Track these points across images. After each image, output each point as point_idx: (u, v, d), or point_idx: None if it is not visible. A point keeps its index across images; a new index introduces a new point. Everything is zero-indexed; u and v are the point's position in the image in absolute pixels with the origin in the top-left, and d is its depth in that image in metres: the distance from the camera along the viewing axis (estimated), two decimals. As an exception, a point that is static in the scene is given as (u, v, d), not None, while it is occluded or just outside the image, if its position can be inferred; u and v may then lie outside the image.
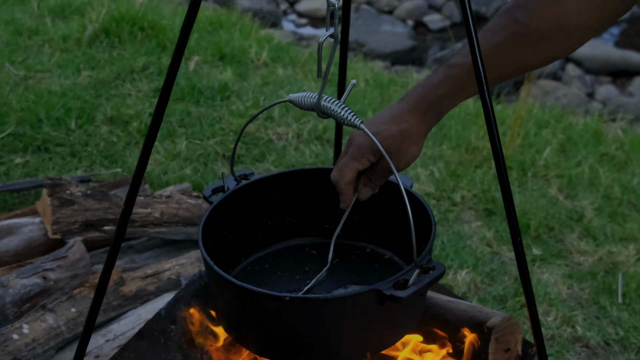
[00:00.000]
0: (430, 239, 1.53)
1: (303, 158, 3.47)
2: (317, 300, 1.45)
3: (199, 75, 4.05)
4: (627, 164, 3.80)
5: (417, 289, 1.38)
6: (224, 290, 1.54)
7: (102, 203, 2.49)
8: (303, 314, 1.46)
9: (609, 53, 7.24)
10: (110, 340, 2.14)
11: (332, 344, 1.49)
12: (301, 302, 1.46)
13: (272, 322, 1.48)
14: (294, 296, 1.46)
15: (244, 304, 1.49)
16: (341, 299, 1.44)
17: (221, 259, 1.76)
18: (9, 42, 4.20)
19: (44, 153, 3.29)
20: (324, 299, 1.44)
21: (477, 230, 3.16)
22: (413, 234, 1.37)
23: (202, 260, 2.47)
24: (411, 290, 1.38)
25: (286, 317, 1.46)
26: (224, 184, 1.75)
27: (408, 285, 1.38)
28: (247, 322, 1.52)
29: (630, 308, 2.80)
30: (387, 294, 1.38)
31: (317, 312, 1.45)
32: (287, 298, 1.43)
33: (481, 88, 1.32)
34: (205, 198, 1.74)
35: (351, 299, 1.42)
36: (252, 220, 1.82)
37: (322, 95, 1.42)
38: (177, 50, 1.44)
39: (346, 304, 1.43)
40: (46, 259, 2.28)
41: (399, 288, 1.39)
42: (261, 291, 1.50)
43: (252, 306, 1.48)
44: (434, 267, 1.42)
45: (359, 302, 1.43)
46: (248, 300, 1.48)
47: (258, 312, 1.48)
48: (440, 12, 8.41)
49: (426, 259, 1.43)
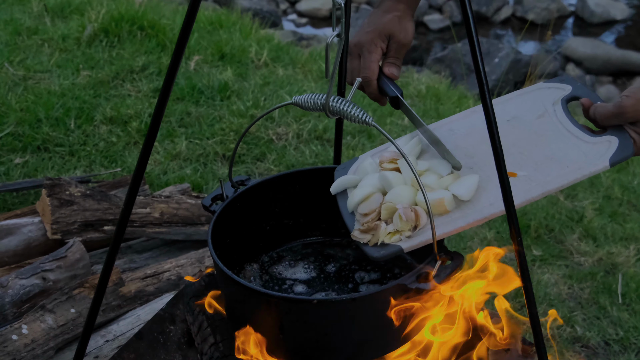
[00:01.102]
0: None
1: (303, 158, 3.47)
2: (343, 301, 1.44)
3: (199, 75, 4.05)
4: (628, 164, 3.80)
5: (440, 280, 1.40)
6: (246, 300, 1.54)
7: (101, 203, 2.49)
8: (329, 315, 1.45)
9: (609, 53, 7.24)
10: (110, 341, 2.14)
11: (357, 342, 1.49)
12: (329, 304, 1.46)
13: (298, 326, 1.48)
14: (322, 299, 1.46)
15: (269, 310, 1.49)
16: (368, 297, 1.44)
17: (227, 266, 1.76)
18: (8, 42, 4.19)
19: (43, 153, 3.28)
20: (351, 299, 1.43)
21: (477, 230, 3.16)
22: (433, 226, 1.37)
23: (202, 261, 2.48)
24: (435, 281, 1.40)
25: (313, 319, 1.46)
26: (222, 192, 1.75)
27: (431, 277, 1.40)
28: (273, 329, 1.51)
29: (630, 308, 2.80)
30: (412, 287, 1.39)
31: (343, 313, 1.44)
32: (314, 301, 1.43)
33: (481, 88, 1.32)
34: (206, 208, 1.74)
35: (377, 296, 1.43)
36: (251, 226, 1.82)
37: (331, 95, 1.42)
38: (177, 49, 1.44)
39: (373, 301, 1.43)
40: (45, 259, 2.27)
41: (422, 281, 1.40)
42: (287, 296, 1.50)
43: (277, 312, 1.48)
44: (453, 257, 1.43)
45: (385, 299, 1.43)
46: (273, 307, 1.48)
47: (283, 318, 1.48)
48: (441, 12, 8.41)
49: (443, 250, 1.44)
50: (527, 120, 1.60)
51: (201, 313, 1.79)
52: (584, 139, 1.51)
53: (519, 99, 1.67)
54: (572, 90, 1.61)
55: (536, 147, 1.53)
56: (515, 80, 6.43)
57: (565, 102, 1.60)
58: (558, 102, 1.60)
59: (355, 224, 1.57)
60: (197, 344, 1.78)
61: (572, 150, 1.50)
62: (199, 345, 1.77)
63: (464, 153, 1.59)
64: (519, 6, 8.53)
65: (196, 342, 1.79)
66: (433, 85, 4.48)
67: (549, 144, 1.53)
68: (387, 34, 1.72)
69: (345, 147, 3.59)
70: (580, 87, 1.62)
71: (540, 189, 1.46)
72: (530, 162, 1.50)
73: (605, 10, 8.40)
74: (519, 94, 1.69)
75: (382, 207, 1.52)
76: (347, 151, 3.55)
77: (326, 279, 1.77)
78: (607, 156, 1.46)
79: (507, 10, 8.57)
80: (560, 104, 1.60)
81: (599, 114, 1.51)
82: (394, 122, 3.90)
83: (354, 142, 3.64)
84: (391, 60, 1.74)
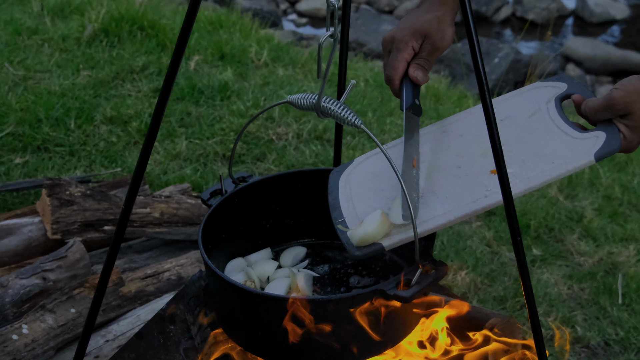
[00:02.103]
0: (431, 238, 1.53)
1: (303, 158, 3.47)
2: (320, 301, 1.44)
3: (199, 75, 4.05)
4: (627, 164, 3.80)
5: (420, 288, 1.38)
6: (226, 294, 1.54)
7: (101, 203, 2.49)
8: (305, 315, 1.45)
9: (609, 53, 7.24)
10: (110, 341, 2.14)
11: (335, 344, 1.49)
12: (304, 303, 1.46)
13: (275, 323, 1.48)
14: (297, 297, 1.46)
15: (247, 307, 1.49)
16: (345, 300, 1.43)
17: (221, 261, 1.75)
18: (8, 42, 4.19)
19: (43, 153, 3.29)
20: (327, 300, 1.44)
21: (477, 230, 3.16)
22: (416, 234, 1.36)
23: (202, 261, 2.47)
24: (414, 289, 1.38)
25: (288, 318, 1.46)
26: (222, 187, 1.74)
27: (411, 285, 1.39)
28: (251, 325, 1.51)
29: (630, 308, 2.80)
30: (391, 294, 1.39)
31: (320, 313, 1.44)
32: (290, 300, 1.43)
33: (481, 88, 1.32)
34: (204, 201, 1.73)
35: (355, 299, 1.42)
36: (250, 223, 1.82)
37: (322, 96, 1.42)
38: (177, 50, 1.44)
39: (350, 304, 1.43)
40: (46, 259, 2.27)
41: (402, 288, 1.39)
42: (263, 293, 1.50)
43: (255, 309, 1.48)
44: (436, 265, 1.42)
45: (362, 303, 1.42)
46: (251, 303, 1.48)
47: (261, 315, 1.48)
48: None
49: (428, 258, 1.43)
50: (519, 119, 1.61)
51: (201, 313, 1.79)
52: (573, 135, 1.52)
53: (515, 98, 1.68)
54: (567, 89, 1.62)
55: (525, 145, 1.54)
56: (515, 80, 6.43)
57: (559, 100, 1.61)
58: (552, 100, 1.61)
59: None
60: (197, 344, 1.78)
61: (560, 146, 1.51)
62: (199, 345, 1.77)
63: (454, 153, 1.59)
64: (519, 6, 8.53)
65: (196, 342, 1.79)
66: (433, 85, 4.48)
67: (538, 141, 1.54)
68: (422, 34, 1.61)
69: (345, 147, 3.59)
70: (576, 84, 1.62)
71: (523, 185, 1.47)
72: (517, 160, 1.51)
73: (605, 10, 8.40)
74: (515, 93, 1.70)
75: None
76: (347, 151, 3.55)
77: (320, 280, 1.76)
78: (592, 151, 1.46)
79: (507, 10, 8.57)
80: (554, 102, 1.60)
81: (589, 108, 1.51)
82: (393, 122, 3.90)
83: (354, 142, 3.64)
84: (420, 62, 1.63)
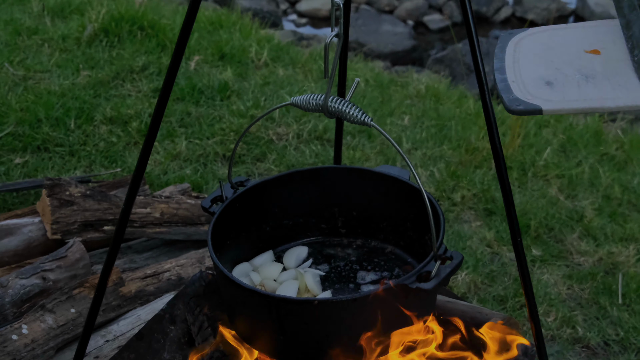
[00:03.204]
0: (441, 230, 1.54)
1: (303, 158, 3.47)
2: (344, 301, 1.44)
3: (199, 75, 4.05)
4: (627, 164, 3.80)
5: (441, 279, 1.41)
6: (245, 301, 1.54)
7: (101, 203, 2.49)
8: (331, 316, 1.46)
9: (609, 53, 7.22)
10: (110, 341, 2.14)
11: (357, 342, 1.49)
12: (329, 304, 1.46)
13: (298, 327, 1.48)
14: (323, 299, 1.46)
15: (269, 312, 1.49)
16: (368, 297, 1.44)
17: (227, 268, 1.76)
18: (8, 42, 4.19)
19: (43, 153, 3.29)
20: (352, 299, 1.44)
21: (477, 230, 3.16)
22: (432, 226, 1.38)
23: (202, 261, 2.48)
24: (435, 281, 1.41)
25: (314, 321, 1.46)
26: (222, 193, 1.75)
27: (431, 277, 1.40)
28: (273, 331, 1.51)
29: (631, 308, 2.80)
30: (413, 287, 1.40)
31: (344, 313, 1.45)
32: (315, 302, 1.43)
33: (481, 88, 1.32)
34: (205, 209, 1.73)
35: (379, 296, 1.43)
36: (251, 227, 1.82)
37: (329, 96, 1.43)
38: (177, 49, 1.44)
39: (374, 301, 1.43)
40: (45, 259, 2.27)
41: (422, 280, 1.41)
42: (287, 297, 1.50)
43: (277, 314, 1.48)
44: (452, 256, 1.44)
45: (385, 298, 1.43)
46: (273, 309, 1.48)
47: (283, 319, 1.48)
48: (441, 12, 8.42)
49: (442, 249, 1.45)
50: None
51: (201, 313, 1.79)
52: None
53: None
54: None
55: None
56: (515, 80, 6.41)
57: None
58: None
59: None
60: (197, 344, 1.78)
61: None
62: (199, 345, 1.77)
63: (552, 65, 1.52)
64: (519, 6, 8.52)
65: (196, 342, 1.79)
66: (433, 85, 4.48)
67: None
68: None
69: (345, 147, 3.59)
70: None
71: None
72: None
73: (605, 10, 8.40)
74: None
75: None
76: (347, 151, 3.55)
77: (327, 279, 1.77)
78: None
79: (507, 10, 8.57)
80: None
81: None
82: (393, 122, 3.90)
83: (354, 142, 3.64)
84: None
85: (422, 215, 1.56)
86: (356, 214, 1.87)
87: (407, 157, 3.60)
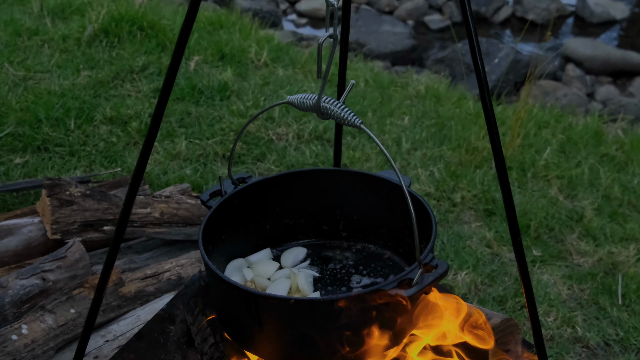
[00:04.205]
0: (432, 237, 1.53)
1: (303, 158, 3.47)
2: (322, 302, 1.44)
3: (199, 75, 4.05)
4: (628, 164, 3.80)
5: (422, 287, 1.38)
6: (227, 295, 1.54)
7: (101, 203, 2.49)
8: (308, 316, 1.45)
9: (609, 53, 7.23)
10: (110, 341, 2.14)
11: (336, 344, 1.49)
12: (306, 304, 1.45)
13: (276, 325, 1.48)
14: (299, 298, 1.45)
15: (249, 308, 1.48)
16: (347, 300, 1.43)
17: (221, 262, 1.75)
18: (8, 43, 4.20)
19: (43, 153, 3.29)
20: (329, 301, 1.43)
21: (477, 230, 3.16)
22: (416, 233, 1.36)
23: (202, 261, 2.47)
24: (416, 289, 1.38)
25: (290, 319, 1.46)
26: (221, 188, 1.74)
27: (412, 284, 1.39)
28: (252, 326, 1.51)
29: (630, 309, 2.80)
30: (392, 294, 1.39)
31: (322, 314, 1.44)
32: (291, 301, 1.43)
33: (481, 88, 1.32)
34: (204, 203, 1.73)
35: (356, 300, 1.42)
36: (250, 223, 1.82)
37: (322, 96, 1.42)
38: (177, 50, 1.44)
39: (351, 304, 1.43)
40: (45, 260, 2.27)
41: (403, 287, 1.39)
42: (265, 294, 1.49)
43: (256, 310, 1.47)
44: (437, 265, 1.42)
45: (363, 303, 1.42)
46: (252, 304, 1.47)
47: (262, 316, 1.48)
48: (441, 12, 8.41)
49: (429, 257, 1.43)
50: None
51: (201, 313, 1.79)
52: None
53: None
54: None
55: None
56: (515, 80, 6.43)
57: None
58: None
59: None
60: (197, 344, 1.78)
61: None
62: (199, 346, 1.77)
63: None
64: (519, 6, 8.53)
65: (196, 342, 1.79)
66: (433, 85, 4.48)
67: None
68: None
69: (345, 147, 3.59)
70: None
71: None
72: None
73: (605, 10, 8.40)
74: None
75: None
76: (347, 151, 3.55)
77: (321, 280, 1.76)
78: None
79: (506, 10, 8.57)
80: None
81: None
82: (393, 122, 3.91)
83: (354, 143, 3.64)
84: None
85: (421, 223, 1.56)
86: (357, 218, 1.86)
87: (407, 157, 3.60)
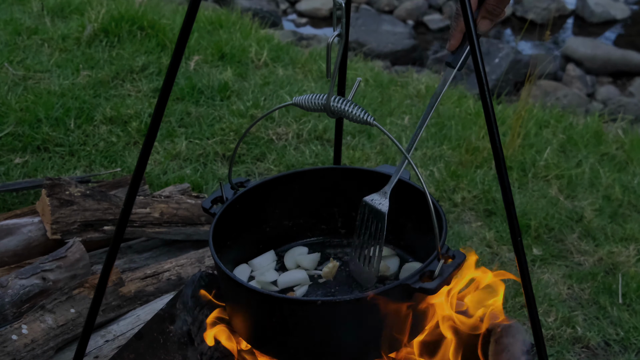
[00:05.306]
0: (444, 229, 1.54)
1: (303, 158, 3.47)
2: (348, 301, 1.44)
3: (199, 75, 4.05)
4: (628, 164, 3.80)
5: (444, 278, 1.40)
6: (248, 302, 1.54)
7: (101, 203, 2.49)
8: (334, 316, 1.45)
9: (609, 53, 7.23)
10: (110, 341, 2.14)
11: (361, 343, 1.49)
12: (333, 304, 1.45)
13: (302, 327, 1.48)
14: (326, 299, 1.46)
15: (272, 312, 1.48)
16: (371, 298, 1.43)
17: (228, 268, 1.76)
18: (7, 42, 4.19)
19: (43, 153, 3.28)
20: (355, 299, 1.43)
21: (477, 230, 3.16)
22: (435, 225, 1.38)
23: (201, 261, 2.48)
24: (438, 280, 1.40)
25: (317, 321, 1.46)
26: (222, 194, 1.75)
27: (434, 277, 1.40)
28: (276, 331, 1.51)
29: (631, 308, 2.80)
30: (416, 287, 1.39)
31: (347, 313, 1.44)
32: (318, 302, 1.43)
33: (481, 88, 1.32)
34: (206, 210, 1.73)
35: (381, 297, 1.42)
36: (251, 227, 1.82)
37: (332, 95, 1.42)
38: (177, 50, 1.44)
39: (376, 302, 1.43)
40: (45, 259, 2.27)
41: (425, 280, 1.40)
42: (291, 298, 1.49)
43: (280, 314, 1.48)
44: (454, 255, 1.43)
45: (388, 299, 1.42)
46: (276, 309, 1.47)
47: (287, 319, 1.48)
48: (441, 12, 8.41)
49: (444, 249, 1.44)
50: None
51: (201, 313, 1.79)
52: None
53: None
54: None
55: None
56: (516, 80, 6.43)
57: None
58: None
59: None
60: (197, 344, 1.78)
61: None
62: (199, 346, 1.76)
63: None
64: (519, 6, 8.52)
65: (196, 342, 1.79)
66: (433, 85, 4.48)
67: None
68: None
69: (345, 147, 3.59)
70: None
71: None
72: None
73: (605, 10, 8.40)
74: None
75: None
76: (347, 151, 3.55)
77: None
78: None
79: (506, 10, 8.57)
80: None
81: None
82: (393, 122, 3.90)
83: (354, 142, 3.64)
84: (488, 16, 1.52)
85: (423, 215, 1.56)
86: (356, 214, 1.87)
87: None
